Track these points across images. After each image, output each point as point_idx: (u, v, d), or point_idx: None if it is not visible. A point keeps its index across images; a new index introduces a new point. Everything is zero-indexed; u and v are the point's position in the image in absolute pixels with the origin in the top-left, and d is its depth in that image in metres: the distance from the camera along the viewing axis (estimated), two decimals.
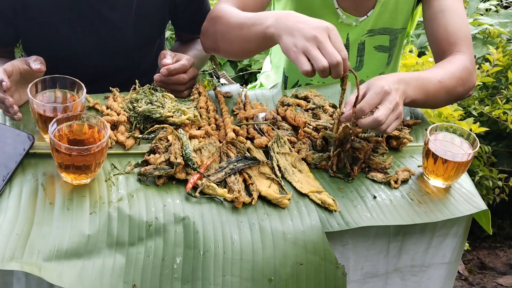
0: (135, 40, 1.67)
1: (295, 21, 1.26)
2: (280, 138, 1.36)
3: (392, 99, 1.28)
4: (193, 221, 1.14)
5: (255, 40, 1.35)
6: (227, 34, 1.43)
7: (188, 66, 1.49)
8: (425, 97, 1.42)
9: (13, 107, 1.27)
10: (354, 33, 1.69)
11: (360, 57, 1.73)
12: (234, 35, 1.41)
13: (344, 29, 1.69)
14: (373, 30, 1.68)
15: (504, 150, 2.43)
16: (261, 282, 1.12)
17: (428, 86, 1.42)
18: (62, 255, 1.06)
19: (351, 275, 1.25)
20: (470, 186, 1.37)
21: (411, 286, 1.33)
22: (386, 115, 1.26)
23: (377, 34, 1.69)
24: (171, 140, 1.28)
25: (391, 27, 1.69)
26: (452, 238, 1.32)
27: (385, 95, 1.28)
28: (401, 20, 1.70)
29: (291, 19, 1.27)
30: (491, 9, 3.22)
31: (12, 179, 1.19)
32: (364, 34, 1.69)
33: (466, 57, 1.53)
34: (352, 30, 1.68)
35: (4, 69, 1.29)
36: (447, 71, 1.47)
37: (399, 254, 1.29)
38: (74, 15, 1.56)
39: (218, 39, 1.47)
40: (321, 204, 1.23)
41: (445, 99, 1.50)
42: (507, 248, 2.58)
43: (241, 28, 1.38)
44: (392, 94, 1.28)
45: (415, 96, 1.39)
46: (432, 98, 1.45)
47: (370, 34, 1.69)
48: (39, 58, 1.34)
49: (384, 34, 1.70)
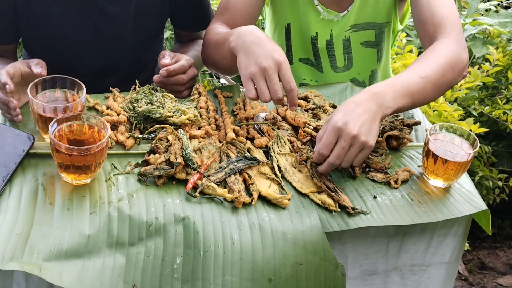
0: (134, 37, 1.67)
1: (252, 41, 1.32)
2: (280, 138, 1.37)
3: (346, 134, 1.20)
4: (193, 221, 1.15)
5: (228, 56, 1.41)
6: (211, 56, 1.55)
7: (187, 67, 1.49)
8: (411, 100, 1.31)
9: (16, 109, 1.28)
10: (337, 29, 1.70)
11: (347, 54, 1.73)
12: (215, 55, 1.52)
13: (327, 25, 1.70)
14: (356, 25, 1.69)
15: (504, 150, 2.43)
16: (261, 282, 1.12)
17: (410, 87, 1.31)
18: (62, 255, 1.06)
19: (350, 272, 1.25)
20: (470, 186, 1.37)
21: (411, 285, 1.33)
22: (339, 156, 1.22)
23: (362, 29, 1.70)
24: (171, 140, 1.28)
25: (374, 21, 1.69)
26: (452, 238, 1.32)
27: (338, 131, 1.21)
28: (384, 13, 1.70)
29: (249, 38, 1.33)
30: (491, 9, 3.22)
31: (12, 179, 1.19)
32: (347, 29, 1.70)
33: (450, 38, 1.43)
34: (334, 25, 1.69)
35: (6, 71, 1.29)
36: (429, 63, 1.37)
37: (399, 253, 1.29)
38: (74, 8, 1.57)
39: (209, 61, 1.59)
40: (321, 204, 1.23)
41: (436, 92, 1.40)
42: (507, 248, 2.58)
43: (217, 47, 1.48)
44: (345, 129, 1.20)
45: (397, 105, 1.28)
46: (420, 97, 1.34)
47: (354, 29, 1.69)
48: (41, 62, 1.34)
49: (368, 29, 1.70)
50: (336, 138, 1.22)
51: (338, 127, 1.21)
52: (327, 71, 1.76)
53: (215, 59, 1.54)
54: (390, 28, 1.75)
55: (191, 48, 1.76)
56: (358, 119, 1.22)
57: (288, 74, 1.30)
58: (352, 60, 1.75)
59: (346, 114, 1.22)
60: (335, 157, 1.22)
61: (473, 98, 2.37)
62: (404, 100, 1.30)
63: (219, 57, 1.50)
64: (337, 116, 1.22)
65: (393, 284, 1.32)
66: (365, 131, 1.22)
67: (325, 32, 1.70)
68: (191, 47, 1.77)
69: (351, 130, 1.20)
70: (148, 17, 1.67)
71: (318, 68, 1.76)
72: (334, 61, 1.74)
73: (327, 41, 1.71)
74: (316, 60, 1.75)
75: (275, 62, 1.29)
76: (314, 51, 1.74)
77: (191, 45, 1.78)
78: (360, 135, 1.21)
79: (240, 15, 1.62)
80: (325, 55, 1.73)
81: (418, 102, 1.36)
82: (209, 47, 1.56)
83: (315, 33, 1.70)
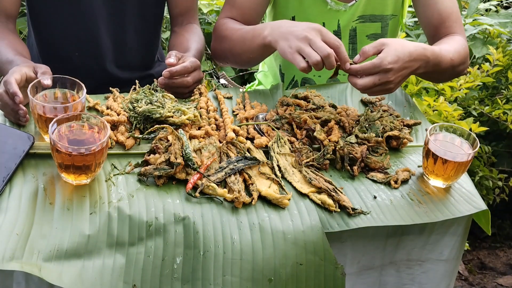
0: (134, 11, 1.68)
1: (288, 26, 1.42)
2: (280, 138, 1.37)
3: (385, 77, 1.35)
4: (193, 221, 1.15)
5: (258, 50, 1.53)
6: (233, 50, 1.63)
7: (190, 69, 1.48)
8: (435, 73, 1.52)
9: (25, 116, 1.29)
10: (345, 19, 1.71)
11: (352, 44, 1.74)
12: (240, 49, 1.60)
13: (334, 16, 1.71)
14: (364, 16, 1.71)
15: (504, 150, 2.43)
16: (261, 282, 1.12)
17: (442, 63, 1.48)
18: (62, 255, 1.06)
19: (348, 269, 1.25)
20: (470, 186, 1.37)
21: (406, 278, 1.33)
22: (366, 87, 1.36)
23: (368, 21, 1.71)
24: (171, 140, 1.28)
25: (381, 14, 1.71)
26: (450, 237, 1.32)
27: (382, 71, 1.34)
28: (391, 5, 1.72)
29: (284, 25, 1.43)
30: (491, 9, 3.22)
31: (12, 180, 1.19)
32: (355, 20, 1.71)
33: (462, 37, 1.64)
34: (342, 15, 1.70)
35: (15, 80, 1.28)
36: (455, 49, 1.54)
37: (396, 249, 1.29)
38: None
39: (227, 55, 1.67)
40: (321, 204, 1.24)
41: (448, 76, 1.63)
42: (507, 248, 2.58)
43: (243, 42, 1.57)
44: (389, 74, 1.34)
45: (427, 70, 1.45)
46: (439, 75, 1.55)
47: (361, 20, 1.71)
48: (48, 71, 1.33)
49: (375, 22, 1.71)
50: (375, 72, 1.34)
51: (385, 69, 1.34)
52: None
53: (238, 52, 1.61)
54: (396, 22, 1.76)
55: (191, 40, 1.72)
56: (402, 71, 1.36)
57: (329, 35, 1.36)
58: (356, 51, 1.75)
59: (397, 61, 1.35)
60: (363, 84, 1.35)
61: (473, 98, 2.37)
62: (432, 70, 1.47)
63: (246, 51, 1.58)
64: (391, 59, 1.34)
65: (388, 277, 1.32)
66: (399, 83, 1.39)
67: (333, 23, 1.70)
68: (191, 39, 1.72)
69: (391, 77, 1.35)
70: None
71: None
72: None
73: (335, 31, 1.72)
74: None
75: (314, 29, 1.36)
76: None
77: (189, 36, 1.74)
78: (393, 86, 1.38)
79: (248, 7, 1.67)
80: None
81: (433, 77, 1.66)
82: (233, 43, 1.62)
83: (322, 24, 1.70)
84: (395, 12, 1.73)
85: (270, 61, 1.95)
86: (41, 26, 1.70)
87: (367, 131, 1.42)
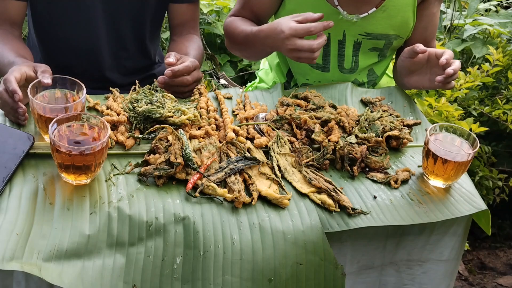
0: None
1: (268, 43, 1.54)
2: (280, 138, 1.37)
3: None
4: (193, 221, 1.15)
5: (262, 53, 1.73)
6: (242, 51, 1.77)
7: (192, 68, 1.48)
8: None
9: (25, 115, 1.29)
10: (352, 30, 1.69)
11: (355, 57, 1.73)
12: (247, 52, 1.78)
13: (341, 26, 1.69)
14: (371, 34, 1.69)
15: (504, 150, 2.42)
16: (261, 282, 1.12)
17: None
18: (62, 255, 1.06)
19: (347, 268, 1.26)
20: (470, 186, 1.37)
21: (406, 278, 1.33)
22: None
23: (375, 39, 1.70)
24: (171, 140, 1.28)
25: (388, 33, 1.70)
26: (450, 237, 1.32)
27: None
28: (400, 29, 1.71)
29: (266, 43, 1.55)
30: (491, 9, 3.22)
31: (12, 180, 1.19)
32: (362, 34, 1.69)
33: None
34: (350, 26, 1.69)
35: (15, 78, 1.28)
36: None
37: (396, 249, 1.29)
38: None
39: (242, 53, 1.83)
40: (321, 204, 1.24)
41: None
42: (507, 248, 2.58)
43: (247, 45, 1.67)
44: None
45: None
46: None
47: (369, 37, 1.69)
48: (48, 70, 1.33)
49: (380, 40, 1.71)
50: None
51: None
52: (333, 70, 1.76)
53: (248, 52, 1.77)
54: (400, 42, 1.75)
55: (190, 47, 1.72)
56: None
57: (299, 26, 1.45)
58: (358, 63, 1.75)
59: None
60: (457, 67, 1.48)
61: (473, 98, 2.37)
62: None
63: (254, 52, 1.72)
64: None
65: (388, 277, 1.32)
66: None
67: (338, 33, 1.70)
68: (190, 46, 1.73)
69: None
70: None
71: (324, 69, 1.75)
72: (343, 61, 1.74)
73: (339, 41, 1.71)
74: (325, 60, 1.74)
75: (287, 38, 1.45)
76: (325, 51, 1.73)
77: (188, 44, 1.74)
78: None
79: (259, 7, 1.73)
80: (335, 54, 1.73)
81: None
82: (233, 41, 1.73)
83: (327, 34, 1.69)
84: (402, 35, 1.73)
85: (271, 58, 1.95)
86: (44, 34, 1.71)
87: (367, 131, 1.42)
